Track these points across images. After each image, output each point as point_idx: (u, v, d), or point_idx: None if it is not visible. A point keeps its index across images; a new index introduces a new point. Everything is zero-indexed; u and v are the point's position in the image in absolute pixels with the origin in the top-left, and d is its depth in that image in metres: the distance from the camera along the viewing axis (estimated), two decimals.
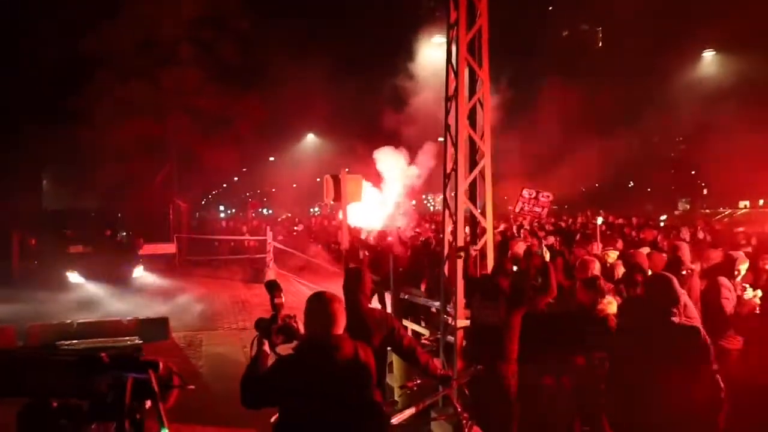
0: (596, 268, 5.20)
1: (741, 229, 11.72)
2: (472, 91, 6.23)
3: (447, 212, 6.33)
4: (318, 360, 2.96)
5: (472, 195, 6.37)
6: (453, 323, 6.22)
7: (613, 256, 6.94)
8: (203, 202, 47.36)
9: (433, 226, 14.26)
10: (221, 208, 48.38)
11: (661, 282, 3.80)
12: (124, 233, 16.32)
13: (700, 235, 11.22)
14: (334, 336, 3.03)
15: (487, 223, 6.20)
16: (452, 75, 6.16)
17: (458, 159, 6.11)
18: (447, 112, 6.25)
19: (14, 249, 16.60)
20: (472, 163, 6.31)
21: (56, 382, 1.92)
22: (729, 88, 26.67)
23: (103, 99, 20.45)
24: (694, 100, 27.20)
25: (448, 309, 6.37)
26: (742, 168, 26.91)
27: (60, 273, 13.77)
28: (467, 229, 6.76)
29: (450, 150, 6.25)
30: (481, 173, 6.24)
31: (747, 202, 32.13)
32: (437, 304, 6.66)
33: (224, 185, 49.16)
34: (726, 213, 27.13)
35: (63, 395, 1.87)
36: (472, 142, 6.29)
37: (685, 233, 10.95)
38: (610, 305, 4.52)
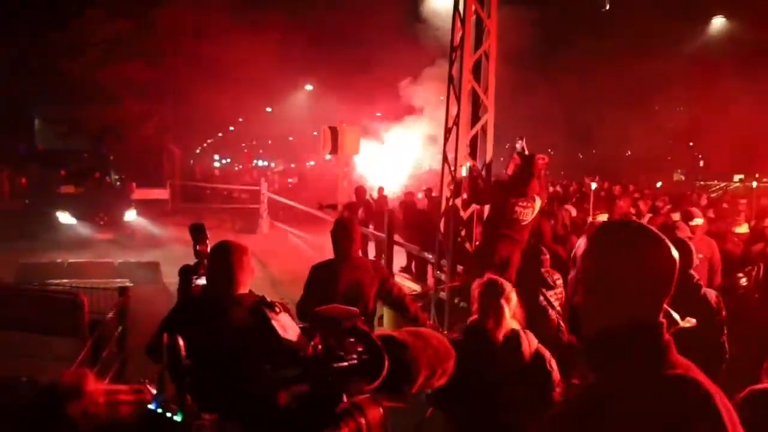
0: None
1: (744, 201, 11.60)
2: (479, 43, 6.03)
3: (446, 168, 6.23)
4: (210, 319, 2.67)
5: (473, 151, 6.25)
6: (445, 279, 6.20)
7: (603, 218, 6.91)
8: (198, 151, 46.87)
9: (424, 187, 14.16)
10: (216, 157, 47.91)
11: None
12: (117, 176, 16.10)
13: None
14: (233, 295, 2.73)
15: (488, 179, 6.10)
16: (458, 24, 5.94)
17: (460, 113, 5.96)
18: (451, 63, 6.07)
19: (4, 188, 16.46)
20: (475, 118, 6.16)
21: None
22: (735, 58, 26.26)
23: (97, 36, 19.86)
24: (698, 69, 26.81)
25: (441, 265, 6.34)
26: (738, 142, 26.84)
27: (50, 213, 13.64)
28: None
29: (452, 103, 6.09)
30: (483, 129, 6.10)
31: (741, 176, 32.14)
32: (431, 257, 6.63)
33: (219, 134, 48.59)
34: (721, 186, 27.15)
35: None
36: (475, 96, 6.13)
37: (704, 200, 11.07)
38: None
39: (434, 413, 3.41)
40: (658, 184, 21.09)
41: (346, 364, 1.09)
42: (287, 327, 1.13)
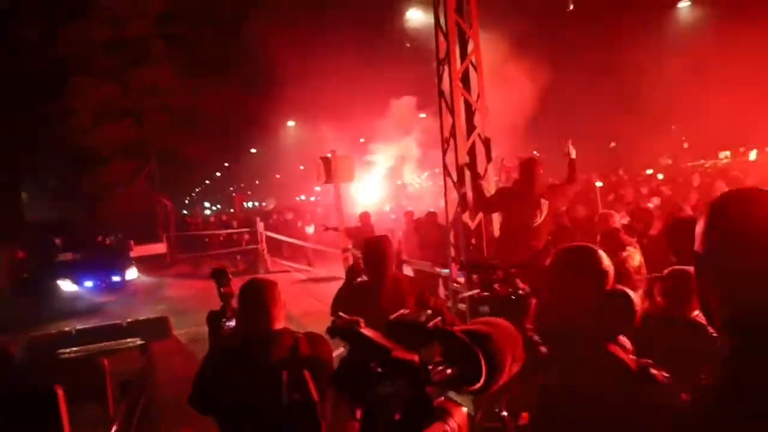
0: (617, 221, 5.07)
1: (735, 172, 11.76)
2: (464, 53, 6.09)
3: (449, 180, 6.23)
4: (250, 356, 2.69)
5: (473, 160, 6.26)
6: (462, 290, 6.16)
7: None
8: (186, 201, 46.92)
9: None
10: (206, 204, 47.94)
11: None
12: (113, 237, 16.00)
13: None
14: (270, 331, 2.74)
15: (490, 186, 6.11)
16: (441, 37, 6.00)
17: (456, 124, 5.98)
18: (439, 77, 6.11)
19: (4, 263, 16.31)
20: (470, 128, 6.19)
21: None
22: (704, 39, 26.74)
23: (84, 102, 19.96)
24: (670, 52, 27.26)
25: (457, 277, 6.31)
26: (720, 119, 27.16)
27: (51, 282, 13.50)
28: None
29: (446, 116, 6.12)
30: (480, 137, 6.13)
31: (728, 152, 32.44)
32: (446, 271, 6.59)
33: (207, 182, 48.70)
34: (708, 164, 27.36)
35: None
36: (467, 106, 6.17)
37: (695, 179, 10.97)
38: (631, 258, 4.32)
39: None
40: (649, 171, 21.22)
41: (449, 371, 1.03)
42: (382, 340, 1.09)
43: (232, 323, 3.09)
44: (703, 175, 13.86)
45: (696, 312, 2.72)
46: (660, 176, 16.80)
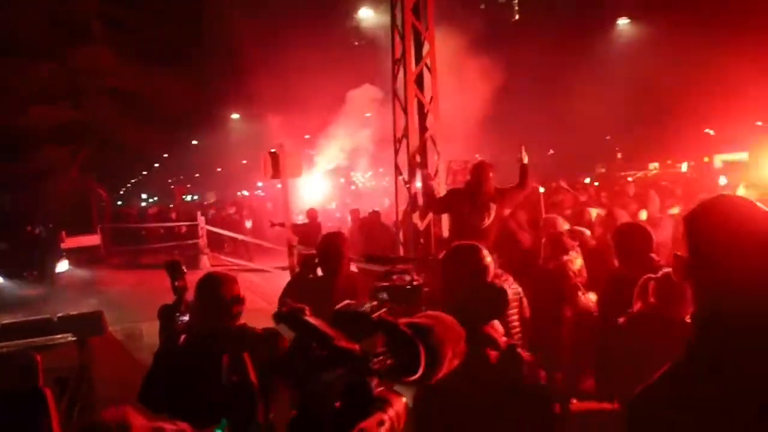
0: (560, 226, 5.24)
1: (664, 183, 12.47)
2: (419, 55, 6.16)
3: (400, 180, 6.30)
4: (207, 352, 2.60)
5: (424, 161, 6.35)
6: None
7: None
8: (122, 192, 45.14)
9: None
10: (143, 196, 46.21)
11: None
12: (43, 227, 15.20)
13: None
14: (229, 327, 2.72)
15: (441, 187, 6.21)
16: (398, 38, 6.06)
17: (408, 125, 6.05)
18: (394, 77, 6.16)
19: None
20: (422, 128, 6.28)
21: None
22: (640, 56, 28.07)
23: (12, 82, 18.79)
24: (609, 67, 28.41)
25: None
26: (651, 132, 28.65)
27: None
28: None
29: (399, 115, 6.17)
30: (432, 138, 6.22)
31: (656, 164, 34.26)
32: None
33: (144, 173, 47.00)
34: (639, 174, 28.79)
35: None
36: (420, 107, 6.24)
37: (631, 188, 11.40)
38: (572, 262, 4.49)
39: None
40: (587, 180, 22.09)
41: (389, 362, 1.08)
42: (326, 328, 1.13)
43: (186, 318, 3.02)
44: (636, 185, 14.57)
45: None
46: (596, 184, 17.51)
